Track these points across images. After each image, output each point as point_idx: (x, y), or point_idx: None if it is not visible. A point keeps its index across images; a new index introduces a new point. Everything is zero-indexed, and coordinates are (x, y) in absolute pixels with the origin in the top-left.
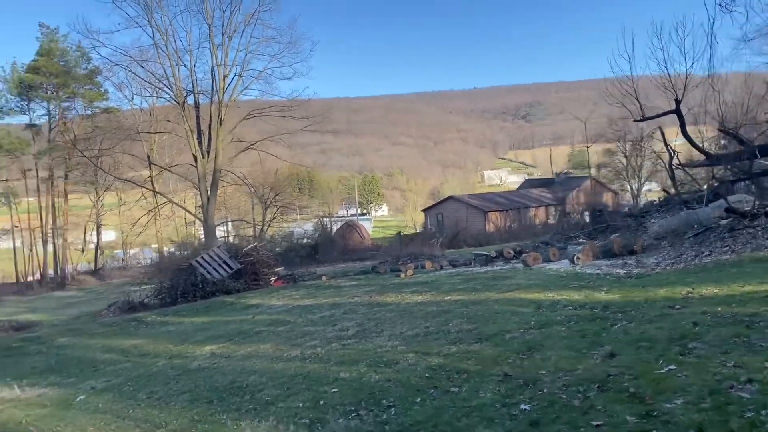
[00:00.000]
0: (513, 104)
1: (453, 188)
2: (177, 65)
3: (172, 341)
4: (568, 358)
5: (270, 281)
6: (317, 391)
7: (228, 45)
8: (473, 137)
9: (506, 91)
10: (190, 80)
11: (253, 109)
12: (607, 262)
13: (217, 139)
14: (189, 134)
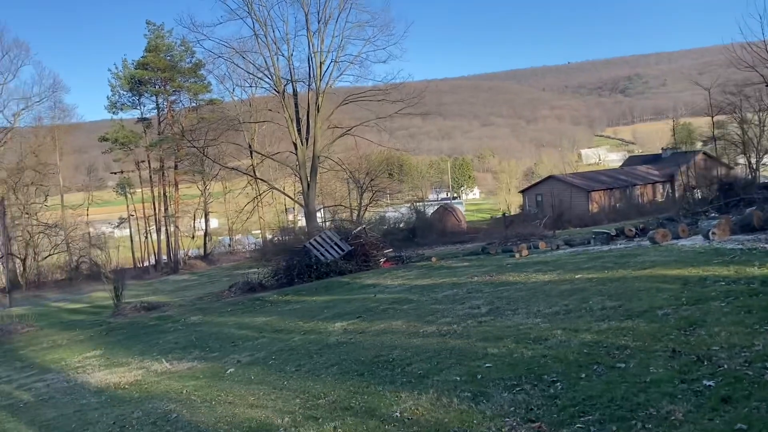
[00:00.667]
0: (610, 78)
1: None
2: (276, 54)
3: (301, 318)
4: (740, 334)
5: (379, 262)
6: (470, 366)
7: (324, 31)
8: (568, 114)
9: (602, 64)
10: (288, 69)
11: (348, 95)
12: (747, 236)
13: (315, 126)
14: (289, 122)
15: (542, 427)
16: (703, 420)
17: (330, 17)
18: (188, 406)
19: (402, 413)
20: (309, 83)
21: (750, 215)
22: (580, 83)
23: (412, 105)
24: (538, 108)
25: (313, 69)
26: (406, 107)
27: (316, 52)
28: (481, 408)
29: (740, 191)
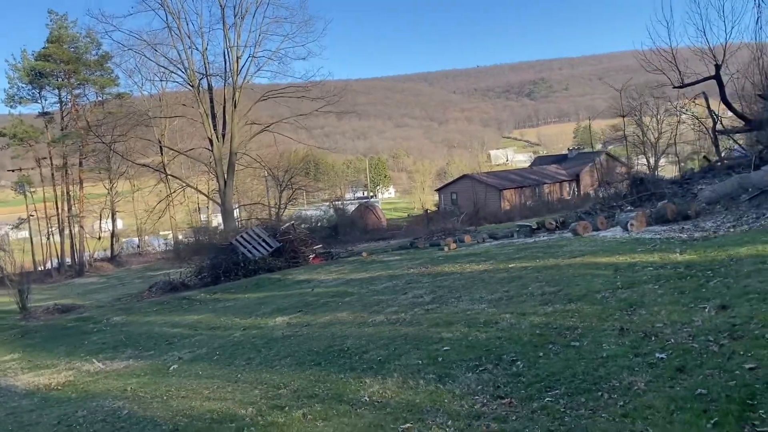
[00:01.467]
0: (517, 82)
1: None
2: (190, 48)
3: (236, 315)
4: (678, 312)
5: (308, 259)
6: (428, 350)
7: (240, 26)
8: (478, 116)
9: (509, 68)
10: (203, 63)
11: (267, 91)
12: (662, 227)
13: (232, 122)
14: (204, 118)
15: (513, 403)
16: (664, 388)
17: (247, 11)
18: (138, 403)
19: (370, 397)
20: (225, 78)
21: (663, 208)
22: (489, 86)
23: (332, 103)
24: (449, 110)
25: (230, 64)
26: (326, 105)
27: (233, 47)
28: (449, 388)
29: (651, 186)
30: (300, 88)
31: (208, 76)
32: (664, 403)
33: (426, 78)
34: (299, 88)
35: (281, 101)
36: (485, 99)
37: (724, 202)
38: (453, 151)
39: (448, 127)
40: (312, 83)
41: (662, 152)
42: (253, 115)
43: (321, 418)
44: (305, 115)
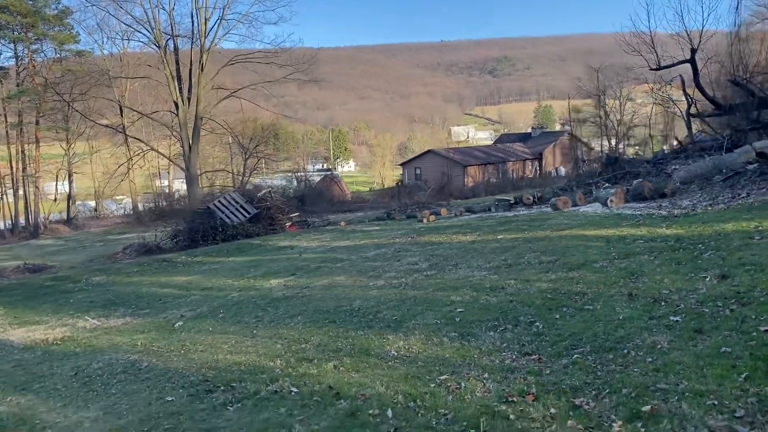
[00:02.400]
0: (480, 58)
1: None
2: (156, 7)
3: (227, 277)
4: (680, 281)
5: (285, 226)
6: (441, 312)
7: None
8: (440, 92)
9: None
10: (169, 23)
11: (235, 56)
12: (640, 204)
13: (198, 85)
14: (170, 80)
15: (542, 359)
16: (687, 346)
17: None
18: (156, 356)
19: (398, 351)
20: (193, 40)
21: (641, 186)
22: (452, 62)
23: (302, 71)
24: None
25: (198, 25)
26: (296, 73)
27: (201, 8)
28: (475, 345)
29: (625, 165)
30: (269, 53)
31: (174, 37)
32: (691, 359)
33: (389, 50)
34: (268, 53)
35: (249, 68)
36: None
37: (699, 182)
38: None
39: (410, 102)
40: (282, 50)
41: (624, 135)
42: (219, 80)
43: (354, 369)
44: (274, 82)
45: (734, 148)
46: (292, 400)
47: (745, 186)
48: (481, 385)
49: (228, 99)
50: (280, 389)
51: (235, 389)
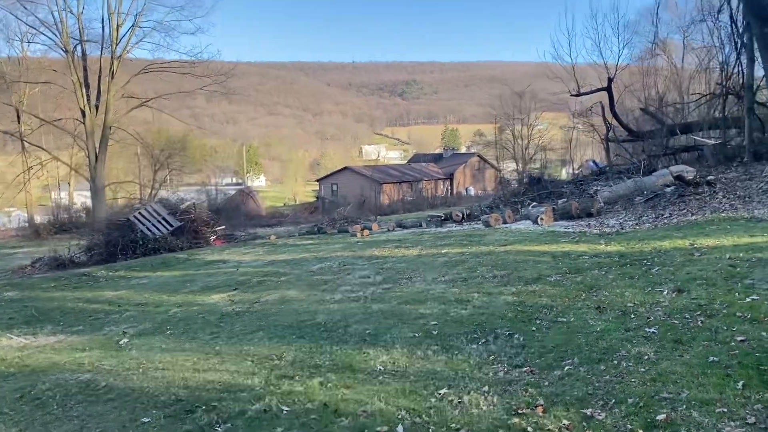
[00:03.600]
0: (390, 81)
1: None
2: (64, 10)
3: (161, 292)
4: (641, 294)
5: (210, 240)
6: (415, 325)
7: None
8: (351, 111)
9: (384, 67)
10: (77, 28)
11: (149, 64)
12: (569, 222)
13: (108, 93)
14: (77, 86)
15: (534, 371)
16: (674, 356)
17: None
18: (112, 375)
19: (384, 366)
20: (103, 46)
21: (569, 205)
22: (363, 83)
23: (219, 83)
24: (324, 102)
25: (109, 31)
26: (213, 84)
27: (114, 13)
28: (462, 358)
29: (549, 185)
30: (185, 64)
31: (83, 42)
32: (683, 369)
33: (301, 67)
34: (184, 64)
35: (162, 77)
36: (359, 95)
37: (622, 202)
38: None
39: (322, 119)
40: (199, 61)
41: (530, 158)
42: (130, 89)
43: (343, 386)
44: (188, 93)
45: (648, 171)
46: (286, 419)
47: (666, 207)
48: (484, 399)
49: (139, 108)
50: (268, 408)
51: (218, 409)
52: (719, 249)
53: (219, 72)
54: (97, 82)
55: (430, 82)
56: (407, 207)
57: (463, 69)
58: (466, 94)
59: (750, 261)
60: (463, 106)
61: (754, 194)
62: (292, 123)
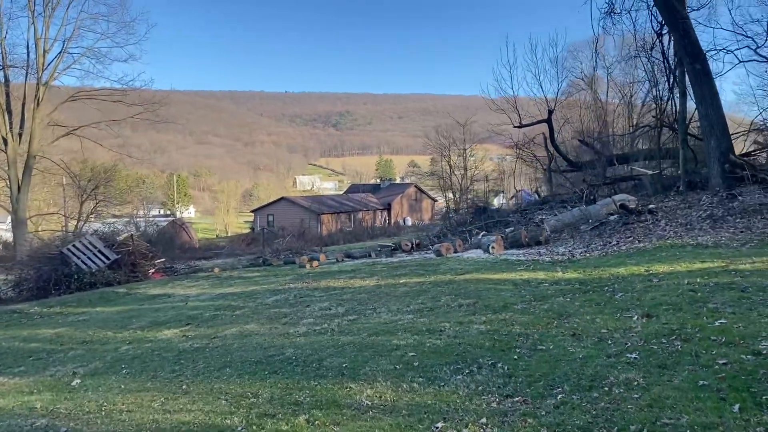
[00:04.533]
0: (324, 112)
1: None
2: None
3: (105, 329)
4: (612, 320)
5: (149, 273)
6: (393, 356)
7: (51, 17)
8: (285, 141)
9: (317, 97)
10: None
11: (77, 92)
12: (518, 251)
13: (33, 121)
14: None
15: (527, 401)
16: (663, 381)
17: (59, 2)
18: (71, 419)
19: (371, 401)
20: (28, 72)
21: (518, 234)
22: (297, 113)
23: (151, 111)
24: (256, 132)
25: (35, 57)
26: (145, 112)
27: (41, 39)
28: (450, 389)
29: (495, 214)
30: (116, 92)
31: (6, 68)
32: (676, 394)
33: (233, 96)
34: (115, 91)
35: (91, 105)
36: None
37: (569, 230)
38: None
39: (254, 149)
40: (130, 89)
41: (466, 188)
42: (57, 117)
43: (332, 422)
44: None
45: (590, 200)
46: None
47: (612, 234)
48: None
49: (66, 137)
50: None
51: None
52: (675, 275)
53: (151, 100)
54: (20, 109)
55: (363, 114)
56: (347, 237)
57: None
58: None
59: (708, 286)
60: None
61: (694, 222)
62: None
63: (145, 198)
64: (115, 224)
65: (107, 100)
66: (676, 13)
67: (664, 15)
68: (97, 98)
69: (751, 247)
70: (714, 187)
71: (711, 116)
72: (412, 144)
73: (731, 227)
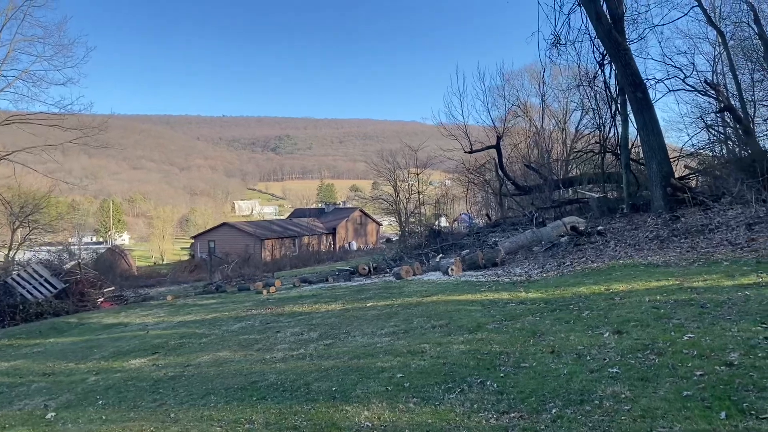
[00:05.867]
0: (263, 136)
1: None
2: None
3: (66, 360)
4: (585, 337)
5: (98, 302)
6: (381, 378)
7: None
8: (222, 166)
9: (256, 121)
10: None
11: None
12: (476, 272)
13: None
14: None
15: (524, 416)
16: (648, 393)
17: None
18: None
19: (372, 422)
20: None
21: (475, 256)
22: (235, 137)
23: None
24: (192, 156)
25: None
26: (83, 137)
27: None
28: (446, 408)
29: (450, 237)
30: (53, 116)
31: None
32: (665, 404)
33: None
34: (52, 116)
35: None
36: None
37: (522, 252)
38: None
39: (191, 174)
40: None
41: (411, 212)
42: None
43: None
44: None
45: (540, 223)
46: None
47: (565, 255)
48: None
49: None
50: None
51: None
52: (635, 293)
53: (90, 125)
54: None
55: (304, 138)
56: (293, 263)
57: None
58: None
59: (669, 303)
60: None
61: (642, 242)
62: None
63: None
64: (50, 252)
65: (43, 124)
66: (618, 44)
67: (607, 46)
68: (32, 122)
69: (699, 265)
70: (657, 209)
71: (652, 142)
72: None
73: (677, 247)
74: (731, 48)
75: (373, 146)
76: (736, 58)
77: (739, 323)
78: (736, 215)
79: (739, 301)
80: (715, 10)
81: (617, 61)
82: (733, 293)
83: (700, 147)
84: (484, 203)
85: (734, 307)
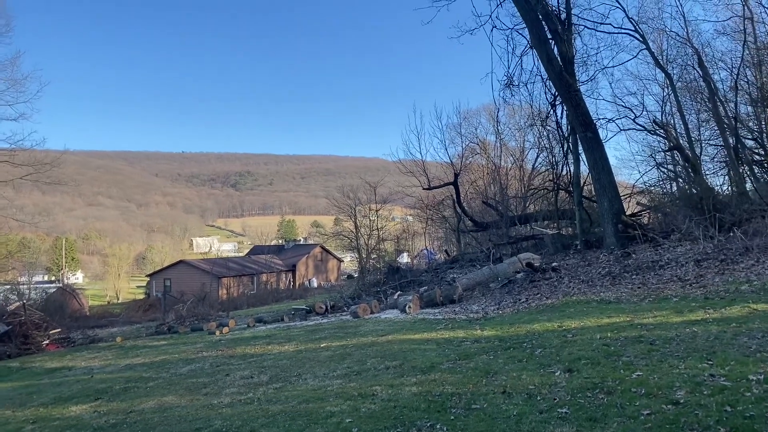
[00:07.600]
0: (222, 172)
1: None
2: None
3: (1, 407)
4: (537, 376)
5: (42, 345)
6: (328, 424)
7: None
8: (180, 202)
9: (215, 157)
10: None
11: None
12: (434, 310)
13: None
14: None
15: None
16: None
17: None
18: None
19: None
20: None
21: (433, 293)
22: (193, 173)
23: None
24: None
25: None
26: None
27: None
28: None
29: (408, 274)
30: (3, 151)
31: None
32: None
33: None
34: (2, 151)
35: None
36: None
37: (479, 288)
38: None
39: (148, 211)
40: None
41: (372, 248)
42: None
43: None
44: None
45: (496, 259)
46: None
47: (521, 291)
48: None
49: None
50: None
51: None
52: (587, 330)
53: (43, 161)
54: None
55: (264, 174)
56: (251, 301)
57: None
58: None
59: (619, 340)
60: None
61: (595, 278)
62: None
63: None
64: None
65: None
66: (569, 86)
67: (558, 87)
68: None
69: (649, 301)
70: (609, 246)
71: (603, 180)
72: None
73: (629, 283)
74: (679, 90)
75: (336, 182)
76: (683, 99)
77: (686, 360)
78: (686, 251)
79: (687, 338)
80: (662, 53)
81: (568, 102)
82: (682, 329)
83: (651, 184)
84: (445, 239)
85: (682, 344)
